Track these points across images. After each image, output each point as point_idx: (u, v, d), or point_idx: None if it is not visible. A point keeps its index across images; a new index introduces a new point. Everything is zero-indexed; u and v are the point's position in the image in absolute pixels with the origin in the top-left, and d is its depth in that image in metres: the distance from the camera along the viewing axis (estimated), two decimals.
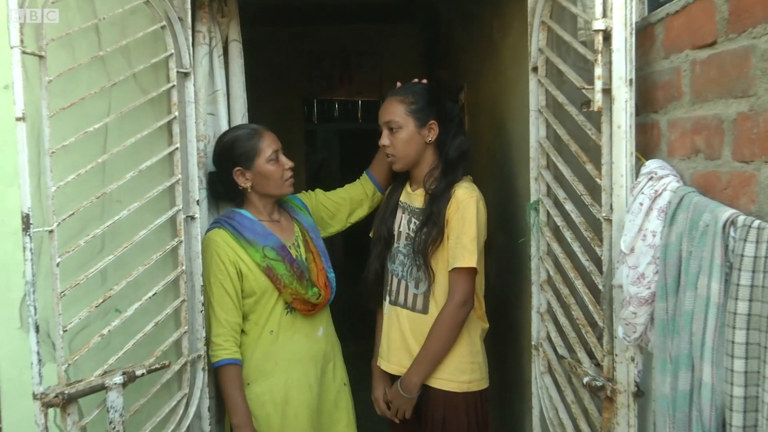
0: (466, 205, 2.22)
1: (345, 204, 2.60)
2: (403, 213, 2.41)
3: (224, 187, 2.35)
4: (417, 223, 2.32)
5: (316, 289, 2.33)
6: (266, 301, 2.28)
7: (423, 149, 2.33)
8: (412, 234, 2.33)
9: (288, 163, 2.34)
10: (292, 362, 2.31)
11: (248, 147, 2.28)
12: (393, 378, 2.38)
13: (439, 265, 2.27)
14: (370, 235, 2.54)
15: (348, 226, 2.64)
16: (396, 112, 2.30)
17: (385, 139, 2.34)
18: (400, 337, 2.34)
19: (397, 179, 2.51)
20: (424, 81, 2.42)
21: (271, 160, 2.29)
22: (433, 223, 2.25)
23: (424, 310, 2.30)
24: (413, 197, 2.39)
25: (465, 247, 2.20)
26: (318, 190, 2.63)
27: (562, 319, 1.94)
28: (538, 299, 2.10)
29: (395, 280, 2.39)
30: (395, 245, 2.40)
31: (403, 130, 2.30)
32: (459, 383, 2.26)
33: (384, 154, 2.45)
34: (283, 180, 2.33)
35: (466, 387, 2.27)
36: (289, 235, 2.39)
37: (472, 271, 2.22)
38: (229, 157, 2.30)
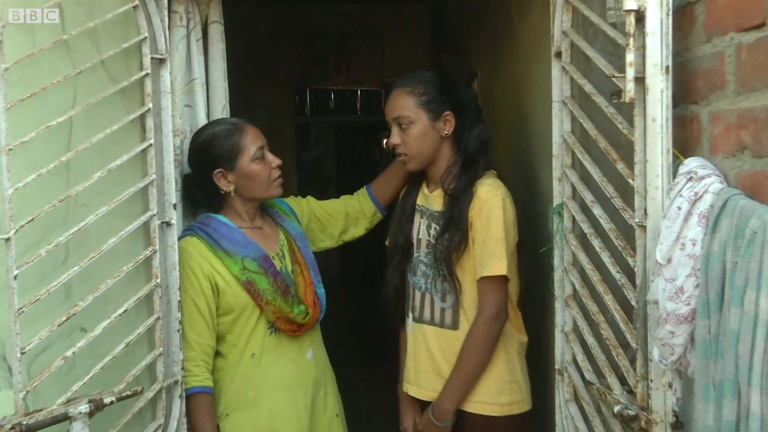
0: (491, 204, 2.22)
1: (339, 218, 2.61)
2: (422, 218, 2.41)
3: (202, 191, 2.35)
4: (437, 228, 2.33)
5: (303, 307, 2.32)
6: (246, 320, 2.27)
7: (439, 144, 2.34)
8: (432, 241, 2.34)
9: (275, 161, 2.34)
10: (277, 390, 2.31)
11: (229, 145, 2.28)
12: (422, 404, 2.39)
13: (465, 274, 2.28)
14: (386, 243, 2.55)
15: (340, 243, 2.65)
16: (405, 105, 2.31)
17: (395, 138, 2.34)
18: (428, 358, 2.35)
19: (412, 179, 2.51)
20: None
21: (256, 159, 2.29)
22: (455, 227, 2.26)
23: (454, 326, 2.31)
24: (431, 199, 2.40)
25: (492, 253, 2.21)
26: (309, 198, 2.63)
27: (590, 340, 1.93)
28: (563, 317, 2.10)
29: (418, 294, 2.39)
30: (415, 254, 2.41)
31: (415, 126, 2.30)
32: (498, 406, 2.27)
33: (397, 166, 2.45)
34: (271, 180, 2.33)
35: (506, 410, 2.27)
36: (272, 243, 2.39)
37: (502, 279, 2.23)
38: (207, 157, 2.30)
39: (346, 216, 2.62)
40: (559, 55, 2.07)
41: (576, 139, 2.02)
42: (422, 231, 2.40)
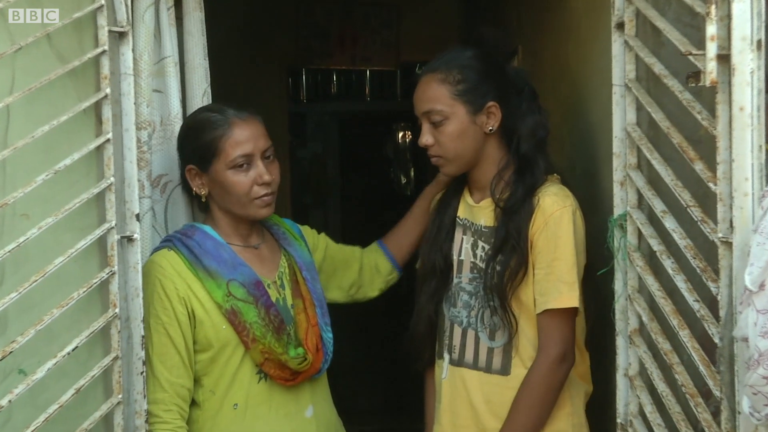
0: (558, 219, 2.22)
1: (354, 267, 2.62)
2: (464, 234, 2.41)
3: (184, 184, 2.40)
4: (487, 247, 2.33)
5: (302, 351, 2.29)
6: (227, 360, 2.27)
7: (482, 143, 2.33)
8: (480, 264, 2.34)
9: (264, 177, 2.28)
10: None
11: (205, 141, 2.27)
12: None
13: (522, 306, 2.27)
14: (417, 266, 2.55)
15: (350, 300, 2.66)
16: (438, 96, 2.29)
17: (426, 137, 2.32)
18: (469, 410, 2.33)
19: (450, 186, 2.51)
20: None
21: (235, 167, 2.26)
22: (511, 248, 2.25)
23: (504, 371, 2.30)
24: (477, 211, 2.39)
25: (561, 279, 2.20)
26: (324, 235, 2.65)
27: (661, 386, 1.92)
28: (626, 357, 2.09)
29: (458, 330, 2.38)
30: (455, 279, 2.40)
31: (450, 122, 2.28)
32: None
33: (413, 215, 2.47)
34: (250, 198, 2.28)
35: None
36: (270, 268, 2.39)
37: (571, 313, 2.23)
38: (183, 147, 2.34)
39: (360, 269, 2.63)
40: (621, 26, 2.07)
41: (642, 133, 2.01)
42: (465, 250, 2.39)
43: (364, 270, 2.63)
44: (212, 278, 2.25)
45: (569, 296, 2.20)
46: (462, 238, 2.41)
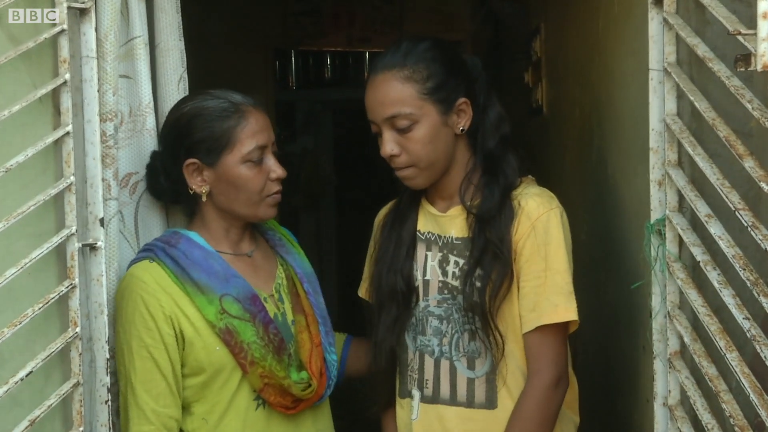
0: (547, 223, 2.22)
1: None
2: (429, 249, 2.40)
3: (169, 181, 2.37)
4: (462, 262, 2.32)
5: (305, 375, 2.31)
6: (221, 386, 2.27)
7: (453, 146, 2.33)
8: (453, 281, 2.33)
9: (277, 171, 2.33)
10: None
11: (217, 131, 2.28)
12: None
13: (507, 326, 2.27)
14: (361, 294, 2.55)
15: None
16: (404, 98, 2.24)
17: (390, 146, 2.27)
18: None
19: (404, 197, 2.48)
20: None
21: (249, 161, 2.29)
22: (493, 258, 2.24)
23: (490, 404, 2.29)
24: (445, 222, 2.38)
25: (555, 290, 2.20)
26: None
27: (706, 417, 1.92)
28: (665, 384, 2.09)
29: (429, 362, 2.36)
30: (421, 303, 2.39)
31: (421, 125, 2.25)
32: None
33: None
34: (262, 196, 2.32)
35: None
36: (265, 279, 2.40)
37: (565, 329, 2.24)
38: (182, 139, 2.31)
39: None
40: (659, 2, 2.06)
41: (684, 125, 2.01)
42: (431, 268, 2.37)
43: None
44: (202, 293, 2.25)
45: (566, 308, 2.20)
46: (426, 255, 2.39)
